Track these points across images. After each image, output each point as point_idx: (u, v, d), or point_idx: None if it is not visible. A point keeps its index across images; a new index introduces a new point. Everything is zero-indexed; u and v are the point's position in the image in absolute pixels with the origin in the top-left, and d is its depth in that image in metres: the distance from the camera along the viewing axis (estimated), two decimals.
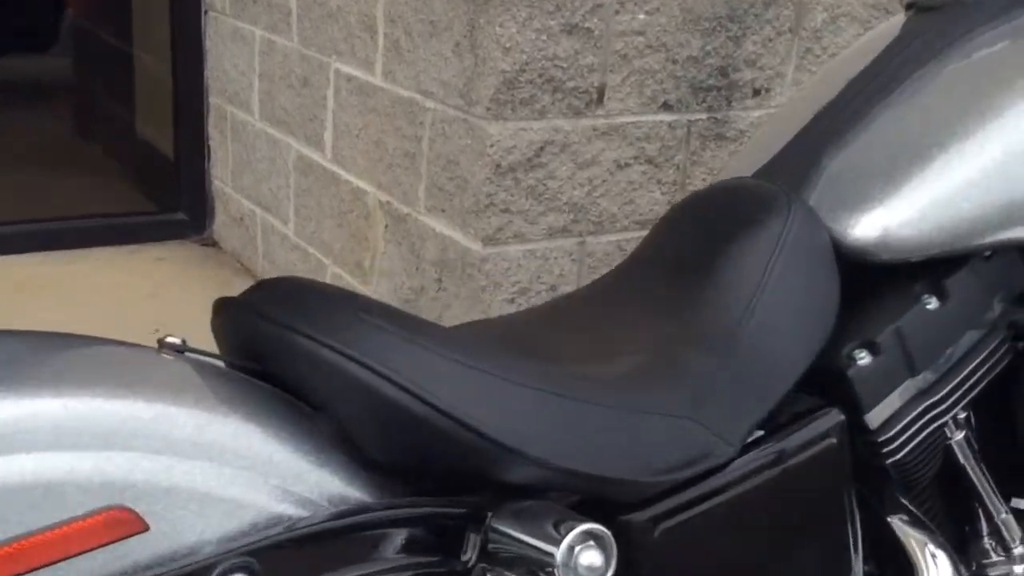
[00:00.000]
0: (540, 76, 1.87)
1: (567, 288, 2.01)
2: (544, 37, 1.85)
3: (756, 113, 2.15)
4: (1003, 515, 0.89)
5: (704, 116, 2.08)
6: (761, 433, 0.84)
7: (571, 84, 1.90)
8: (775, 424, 0.85)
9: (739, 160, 1.07)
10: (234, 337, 0.73)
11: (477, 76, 1.88)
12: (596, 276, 2.03)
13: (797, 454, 0.83)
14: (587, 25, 1.89)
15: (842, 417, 0.87)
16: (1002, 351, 0.92)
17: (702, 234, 0.95)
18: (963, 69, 0.95)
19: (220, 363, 0.73)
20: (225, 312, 0.74)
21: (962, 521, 0.92)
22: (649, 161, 2.04)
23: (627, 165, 2.02)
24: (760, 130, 1.12)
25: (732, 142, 2.13)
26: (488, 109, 1.85)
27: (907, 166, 0.90)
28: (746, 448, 0.81)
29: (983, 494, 0.90)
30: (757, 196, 0.93)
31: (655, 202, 2.08)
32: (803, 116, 1.01)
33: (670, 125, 2.04)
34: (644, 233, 2.11)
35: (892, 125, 0.94)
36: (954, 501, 0.91)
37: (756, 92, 2.14)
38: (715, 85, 2.07)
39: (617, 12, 1.91)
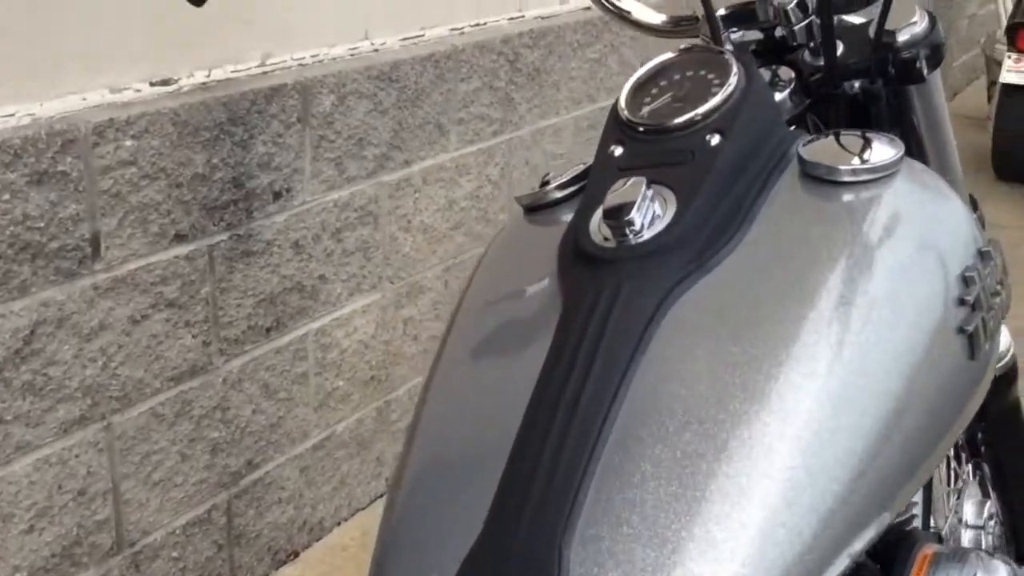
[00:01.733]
0: (11, 246, 1.43)
1: (101, 486, 1.61)
2: (6, 196, 1.42)
3: (281, 217, 1.87)
4: None
5: (226, 236, 1.76)
6: None
7: (55, 244, 1.49)
8: None
9: (399, 560, 0.72)
10: None
11: None
12: (133, 459, 1.66)
13: None
14: (60, 168, 1.48)
15: None
16: None
17: None
18: (689, 352, 0.71)
19: None
20: None
21: None
22: (171, 305, 1.69)
23: (145, 318, 1.65)
24: (401, 491, 0.77)
25: (261, 256, 1.84)
26: None
27: (685, 540, 0.65)
28: None
29: None
30: None
31: (188, 349, 1.73)
32: (475, 460, 0.72)
33: (188, 257, 1.70)
34: (183, 389, 1.77)
35: (639, 464, 0.67)
36: None
37: (277, 195, 1.86)
38: (231, 199, 1.76)
39: (96, 144, 1.52)
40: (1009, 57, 4.36)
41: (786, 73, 0.98)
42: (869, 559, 0.80)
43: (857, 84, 0.98)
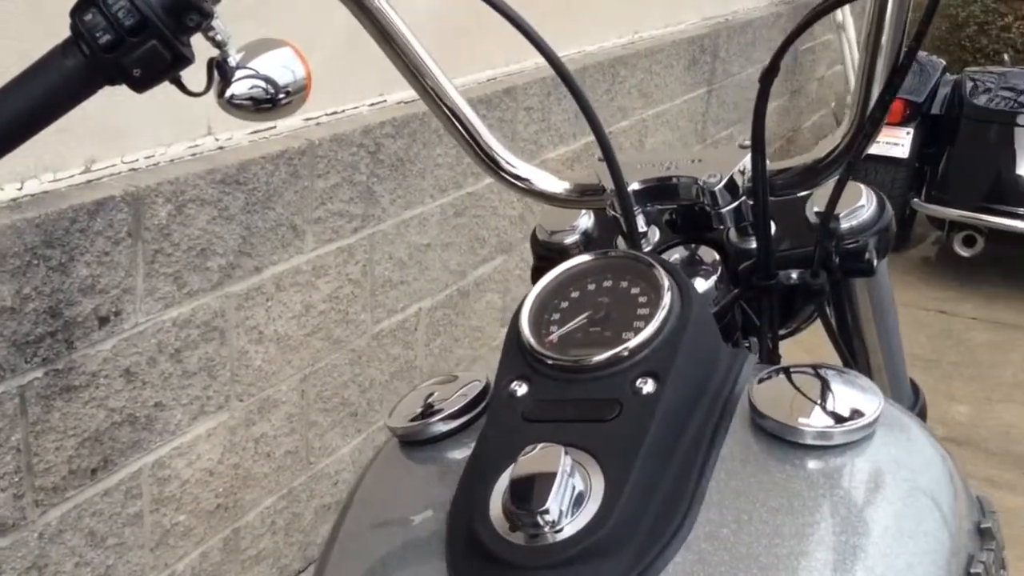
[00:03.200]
0: None
1: None
2: None
3: (108, 344, 1.66)
4: None
5: (40, 373, 1.55)
6: None
7: None
8: None
9: None
10: None
11: None
12: None
13: None
14: None
15: None
16: None
17: None
18: None
19: None
20: None
21: None
22: None
23: None
24: None
25: (85, 389, 1.63)
26: None
27: None
28: None
29: None
30: None
31: None
32: None
33: None
34: None
35: None
36: None
37: (103, 321, 1.65)
38: (47, 332, 1.55)
39: None
40: None
41: (708, 255, 0.84)
42: None
43: (794, 274, 0.84)
